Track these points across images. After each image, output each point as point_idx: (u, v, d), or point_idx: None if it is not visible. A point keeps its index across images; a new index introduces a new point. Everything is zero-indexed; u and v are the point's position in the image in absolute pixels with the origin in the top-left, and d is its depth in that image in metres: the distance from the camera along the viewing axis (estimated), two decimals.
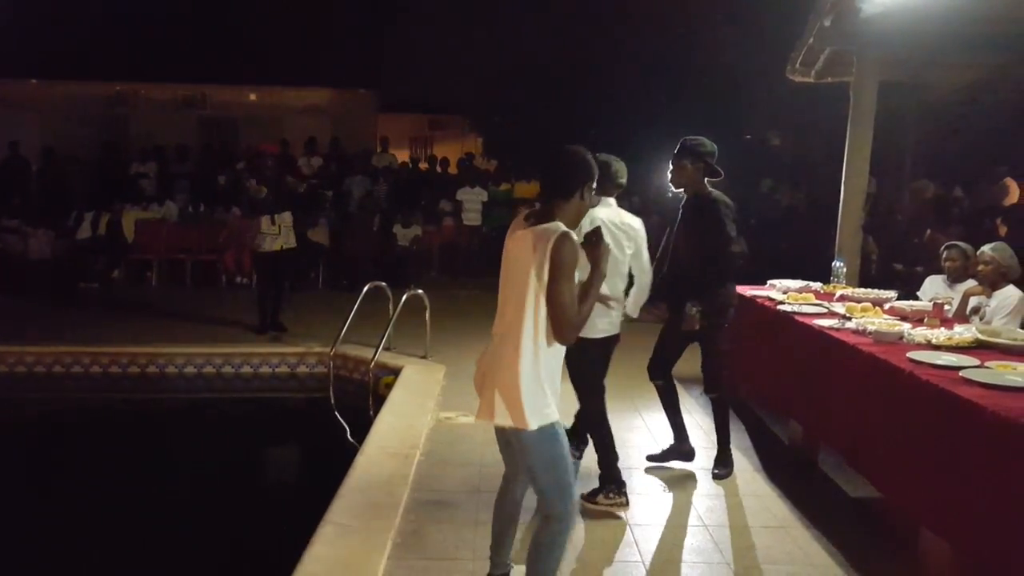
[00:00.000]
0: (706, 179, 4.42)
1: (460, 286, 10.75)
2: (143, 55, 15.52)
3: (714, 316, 4.37)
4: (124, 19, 15.38)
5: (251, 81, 16.69)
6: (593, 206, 3.55)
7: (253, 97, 17.22)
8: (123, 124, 16.57)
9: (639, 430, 5.27)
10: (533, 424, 2.64)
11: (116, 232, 11.09)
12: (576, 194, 2.77)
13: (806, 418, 4.75)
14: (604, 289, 3.21)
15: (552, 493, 2.74)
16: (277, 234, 7.91)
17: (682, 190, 4.51)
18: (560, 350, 2.76)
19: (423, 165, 14.40)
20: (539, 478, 2.75)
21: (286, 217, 7.99)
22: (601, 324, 3.89)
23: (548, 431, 2.68)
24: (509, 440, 2.82)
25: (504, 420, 2.69)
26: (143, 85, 16.77)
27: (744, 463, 4.67)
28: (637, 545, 3.60)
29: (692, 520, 3.90)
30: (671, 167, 4.44)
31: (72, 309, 9.15)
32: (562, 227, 2.67)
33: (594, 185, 2.84)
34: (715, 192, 4.43)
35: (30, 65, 15.80)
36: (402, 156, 15.27)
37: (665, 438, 5.11)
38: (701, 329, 4.36)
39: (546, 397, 2.69)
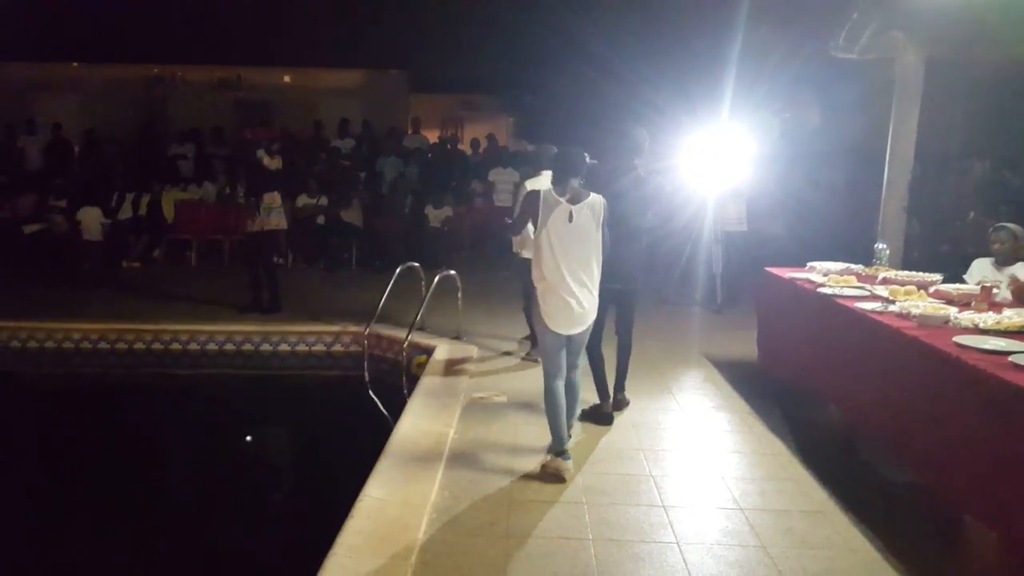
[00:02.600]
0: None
1: (491, 267, 10.73)
2: (181, 38, 15.67)
3: None
4: (162, 2, 15.55)
5: (285, 63, 16.77)
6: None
7: (287, 79, 17.30)
8: (161, 106, 16.76)
9: (673, 412, 5.22)
10: None
11: (156, 213, 11.27)
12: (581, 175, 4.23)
13: (846, 403, 4.67)
14: None
15: (583, 353, 4.44)
16: (281, 211, 7.93)
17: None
18: None
19: (464, 147, 14.33)
20: (584, 345, 4.40)
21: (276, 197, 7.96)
22: None
23: None
24: (581, 335, 4.26)
25: (591, 322, 4.25)
26: (180, 67, 16.93)
27: (781, 447, 4.61)
28: (672, 527, 3.58)
29: (727, 503, 3.85)
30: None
31: (116, 287, 9.32)
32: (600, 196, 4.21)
33: None
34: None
35: (71, 48, 16.04)
36: (433, 137, 15.25)
37: (700, 419, 5.09)
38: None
39: None
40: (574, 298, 4.08)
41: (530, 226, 4.33)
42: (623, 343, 5.21)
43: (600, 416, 4.94)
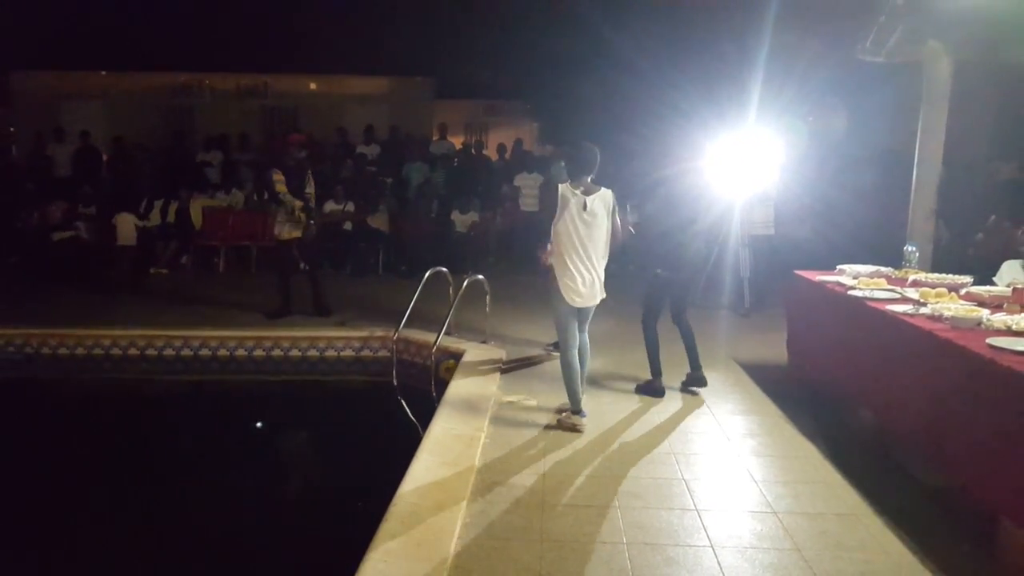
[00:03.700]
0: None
1: (518, 271, 10.77)
2: (207, 46, 15.89)
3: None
4: (188, 11, 15.79)
5: (311, 70, 16.95)
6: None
7: (313, 86, 17.48)
8: (188, 113, 17.01)
9: (703, 416, 5.23)
10: None
11: (184, 219, 11.41)
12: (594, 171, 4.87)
13: (877, 405, 4.65)
14: None
15: (589, 322, 5.13)
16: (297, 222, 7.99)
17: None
18: None
19: (490, 152, 14.40)
20: (588, 319, 5.08)
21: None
22: None
23: None
24: (588, 308, 4.99)
25: (600, 298, 4.96)
26: (207, 75, 17.15)
27: (812, 450, 4.60)
28: (705, 530, 3.59)
29: (760, 507, 3.86)
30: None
31: (144, 294, 9.46)
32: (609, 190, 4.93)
33: None
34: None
35: (99, 57, 16.31)
36: (458, 142, 15.34)
37: (730, 422, 5.09)
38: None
39: None
40: (586, 275, 4.82)
41: None
42: (683, 330, 5.72)
43: (654, 390, 5.58)
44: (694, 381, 5.71)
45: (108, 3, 15.76)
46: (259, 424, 6.46)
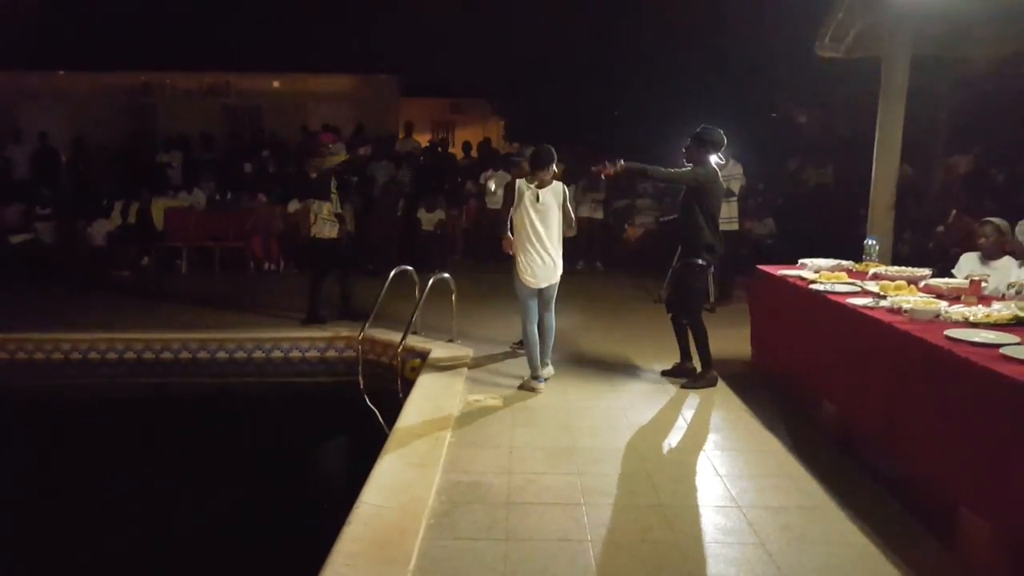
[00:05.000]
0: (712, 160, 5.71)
1: (484, 270, 10.74)
2: (168, 44, 15.62)
3: (689, 261, 5.70)
4: (148, 9, 15.49)
5: (274, 68, 16.73)
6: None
7: (276, 84, 17.27)
8: (150, 113, 16.70)
9: (668, 410, 5.25)
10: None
11: (146, 220, 11.20)
12: (552, 166, 5.49)
13: (839, 398, 4.70)
14: None
15: (554, 302, 5.67)
16: (335, 221, 7.82)
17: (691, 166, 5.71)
18: None
19: (455, 150, 14.35)
20: (553, 298, 5.65)
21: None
22: None
23: None
24: (549, 288, 5.58)
25: (557, 278, 5.57)
26: (169, 74, 16.85)
27: (777, 444, 4.64)
28: (670, 526, 3.59)
29: (724, 501, 3.87)
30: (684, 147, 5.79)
31: (104, 296, 9.26)
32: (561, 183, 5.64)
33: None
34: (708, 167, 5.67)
35: (57, 56, 15.95)
36: (423, 140, 15.27)
37: (695, 417, 5.12)
38: (681, 271, 5.82)
39: None
40: (541, 258, 5.45)
41: None
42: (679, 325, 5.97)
43: (711, 380, 5.77)
44: (683, 372, 5.98)
45: (65, 1, 15.43)
46: (222, 429, 6.35)
